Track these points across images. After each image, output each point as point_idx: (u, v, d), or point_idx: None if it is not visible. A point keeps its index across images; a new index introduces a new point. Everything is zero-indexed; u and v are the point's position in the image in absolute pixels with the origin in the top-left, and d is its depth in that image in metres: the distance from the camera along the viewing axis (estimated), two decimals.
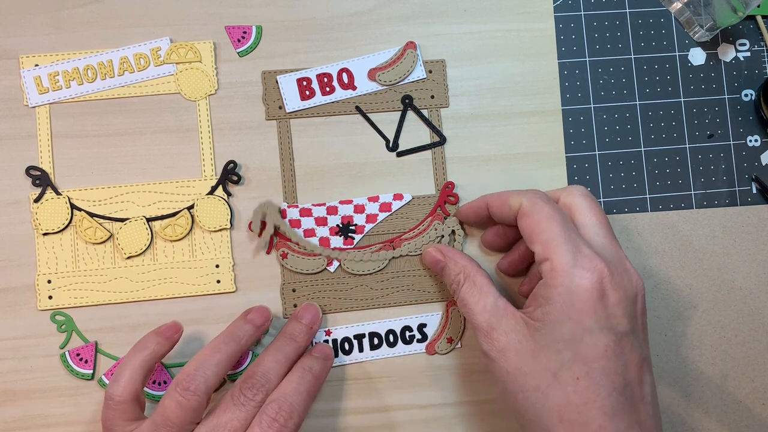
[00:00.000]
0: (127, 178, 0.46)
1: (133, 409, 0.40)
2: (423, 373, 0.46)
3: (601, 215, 0.40)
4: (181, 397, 0.38)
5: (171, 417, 0.38)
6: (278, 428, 0.38)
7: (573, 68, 0.48)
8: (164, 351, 0.42)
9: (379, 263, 0.46)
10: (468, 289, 0.41)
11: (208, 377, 0.39)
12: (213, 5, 0.47)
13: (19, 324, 0.45)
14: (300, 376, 0.41)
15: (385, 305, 0.46)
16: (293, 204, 0.46)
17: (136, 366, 0.40)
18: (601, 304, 0.36)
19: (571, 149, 0.48)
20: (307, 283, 0.46)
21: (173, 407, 0.38)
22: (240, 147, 0.46)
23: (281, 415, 0.38)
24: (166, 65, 0.46)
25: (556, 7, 0.49)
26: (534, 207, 0.39)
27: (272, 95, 0.46)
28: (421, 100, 0.47)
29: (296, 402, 0.39)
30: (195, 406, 0.38)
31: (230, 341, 0.41)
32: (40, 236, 0.45)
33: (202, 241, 0.46)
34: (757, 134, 0.49)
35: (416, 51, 0.47)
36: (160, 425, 0.38)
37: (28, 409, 0.44)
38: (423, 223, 0.46)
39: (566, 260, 0.37)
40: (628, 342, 0.36)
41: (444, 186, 0.47)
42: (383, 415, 0.46)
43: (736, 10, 0.46)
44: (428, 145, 0.47)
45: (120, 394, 0.39)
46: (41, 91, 0.45)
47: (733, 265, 0.48)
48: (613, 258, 0.38)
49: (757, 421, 0.47)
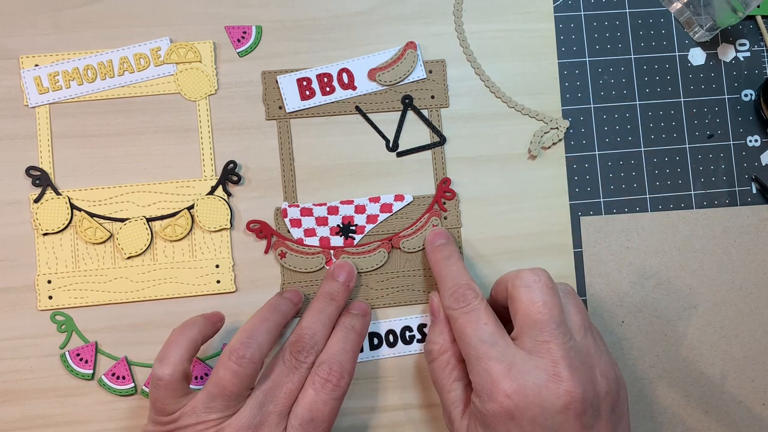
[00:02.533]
0: (127, 178, 0.46)
1: (182, 386, 0.39)
2: (423, 373, 0.46)
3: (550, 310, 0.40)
4: (237, 365, 0.38)
5: (227, 386, 0.38)
6: (332, 388, 0.39)
7: (573, 68, 0.48)
8: (210, 333, 0.42)
9: (379, 259, 0.46)
10: (438, 366, 0.42)
11: (261, 344, 0.39)
12: (213, 5, 0.47)
13: (19, 324, 0.45)
14: (344, 336, 0.42)
15: (385, 305, 0.46)
16: (294, 203, 0.46)
17: (183, 344, 0.40)
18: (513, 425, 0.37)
19: (571, 149, 0.48)
20: (307, 284, 0.46)
21: (229, 376, 0.38)
22: (240, 147, 0.46)
23: (333, 376, 0.39)
24: (166, 65, 0.46)
25: (556, 7, 0.49)
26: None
27: (272, 95, 0.46)
28: (421, 100, 0.47)
29: (345, 361, 0.40)
30: (251, 373, 0.38)
31: (275, 312, 0.42)
32: (40, 236, 0.45)
33: (202, 241, 0.46)
34: (757, 134, 0.49)
35: (416, 51, 0.47)
36: (217, 395, 0.38)
37: (28, 409, 0.44)
38: (420, 220, 0.46)
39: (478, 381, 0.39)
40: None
41: (441, 182, 0.47)
42: (383, 415, 0.46)
43: (736, 10, 0.46)
44: (428, 145, 0.47)
45: (170, 374, 0.39)
46: (41, 91, 0.45)
47: (733, 265, 0.48)
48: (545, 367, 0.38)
49: (757, 421, 0.47)
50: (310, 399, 0.39)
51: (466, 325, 0.39)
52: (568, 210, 0.48)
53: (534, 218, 0.47)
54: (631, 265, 0.48)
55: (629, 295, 0.48)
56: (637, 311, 0.48)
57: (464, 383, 0.41)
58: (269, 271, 0.46)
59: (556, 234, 0.47)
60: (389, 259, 0.46)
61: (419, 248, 0.46)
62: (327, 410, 0.39)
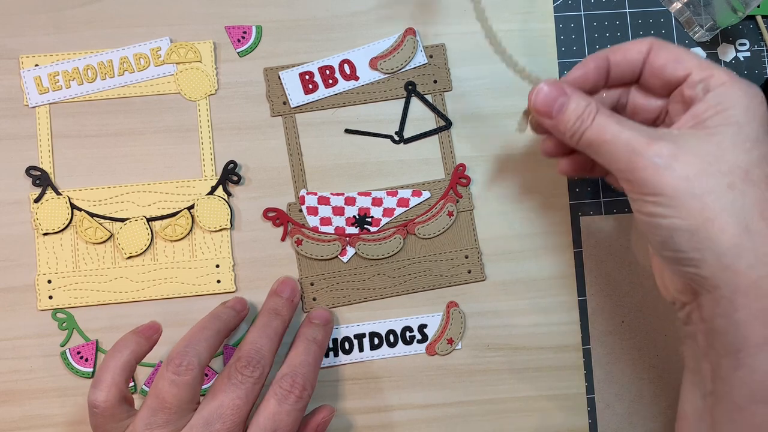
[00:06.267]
0: (127, 178, 0.46)
1: (120, 410, 0.38)
2: (423, 373, 0.46)
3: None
4: (174, 375, 0.37)
5: (166, 397, 0.37)
6: (295, 399, 0.38)
7: None
8: (144, 351, 0.40)
9: (394, 246, 0.46)
10: (604, 116, 0.35)
11: (200, 352, 0.38)
12: (213, 5, 0.47)
13: (19, 324, 0.45)
14: (306, 348, 0.41)
15: (403, 293, 0.46)
16: (312, 192, 0.46)
17: (117, 369, 0.39)
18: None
19: None
20: (324, 276, 0.46)
21: (167, 387, 0.37)
22: (240, 147, 0.46)
23: (296, 387, 0.39)
24: (166, 65, 0.46)
25: (556, 7, 0.49)
26: (665, 43, 0.37)
27: (276, 91, 0.46)
28: (424, 86, 0.47)
29: (307, 373, 0.40)
30: (190, 381, 0.37)
31: (215, 320, 0.41)
32: (40, 236, 0.45)
33: (202, 241, 0.46)
34: None
35: (416, 37, 0.47)
36: (157, 409, 0.37)
37: (28, 409, 0.44)
38: (436, 206, 0.46)
39: (730, 75, 0.35)
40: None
41: (456, 168, 0.47)
42: (383, 415, 0.46)
43: (736, 10, 0.46)
44: (434, 130, 0.47)
45: (104, 399, 0.37)
46: (41, 91, 0.45)
47: None
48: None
49: None
50: (272, 409, 0.38)
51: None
52: (568, 210, 0.48)
53: (534, 218, 0.47)
54: (631, 265, 0.48)
55: (629, 295, 0.48)
56: (637, 311, 0.48)
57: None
58: (269, 271, 0.46)
59: (556, 234, 0.47)
60: (405, 245, 0.46)
61: (435, 234, 0.46)
62: (290, 421, 0.38)
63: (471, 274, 0.47)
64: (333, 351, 0.46)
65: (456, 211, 0.47)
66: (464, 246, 0.47)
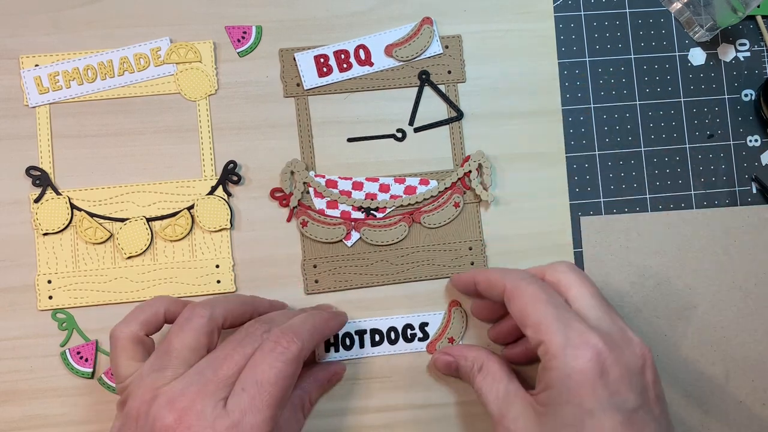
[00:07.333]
0: (127, 178, 0.46)
1: (135, 349, 0.38)
2: (423, 372, 0.46)
3: (592, 287, 0.39)
4: (183, 320, 0.37)
5: (173, 341, 0.37)
6: (281, 351, 0.36)
7: (573, 68, 0.48)
8: (178, 311, 0.39)
9: (399, 233, 0.46)
10: (482, 379, 0.41)
11: (215, 306, 0.38)
12: (213, 5, 0.47)
13: (19, 324, 0.45)
14: (309, 314, 0.41)
15: (405, 280, 0.46)
16: (320, 174, 0.46)
17: (146, 311, 0.39)
18: (601, 383, 0.34)
19: (571, 149, 0.48)
20: (328, 259, 0.46)
21: (175, 331, 0.37)
22: (240, 147, 0.46)
23: (284, 339, 0.37)
24: (166, 65, 0.46)
25: (556, 7, 0.49)
26: (517, 290, 0.38)
27: (290, 72, 0.46)
28: (438, 76, 0.47)
29: (300, 329, 0.38)
30: (196, 327, 0.37)
31: (246, 296, 0.42)
32: (40, 236, 0.45)
33: (202, 241, 0.46)
34: (757, 134, 0.49)
35: (432, 27, 0.47)
36: (162, 353, 0.36)
37: (28, 409, 0.44)
38: (443, 196, 0.46)
39: (558, 341, 0.35)
40: (639, 418, 0.35)
41: (465, 160, 0.47)
42: (383, 415, 0.46)
43: (736, 10, 0.46)
44: (445, 120, 0.47)
45: (123, 332, 0.38)
46: (41, 91, 0.45)
47: (733, 265, 0.48)
48: (611, 330, 0.37)
49: (758, 422, 0.47)
50: (254, 361, 0.36)
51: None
52: (568, 210, 0.48)
53: (534, 218, 0.47)
54: (631, 265, 0.48)
55: (629, 295, 0.48)
56: (637, 311, 0.48)
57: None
58: (269, 271, 0.46)
59: (556, 234, 0.47)
60: (409, 233, 0.46)
61: (440, 224, 0.46)
62: (272, 373, 0.35)
63: (474, 266, 0.47)
64: (333, 346, 0.46)
65: (462, 202, 0.47)
66: (469, 237, 0.47)
